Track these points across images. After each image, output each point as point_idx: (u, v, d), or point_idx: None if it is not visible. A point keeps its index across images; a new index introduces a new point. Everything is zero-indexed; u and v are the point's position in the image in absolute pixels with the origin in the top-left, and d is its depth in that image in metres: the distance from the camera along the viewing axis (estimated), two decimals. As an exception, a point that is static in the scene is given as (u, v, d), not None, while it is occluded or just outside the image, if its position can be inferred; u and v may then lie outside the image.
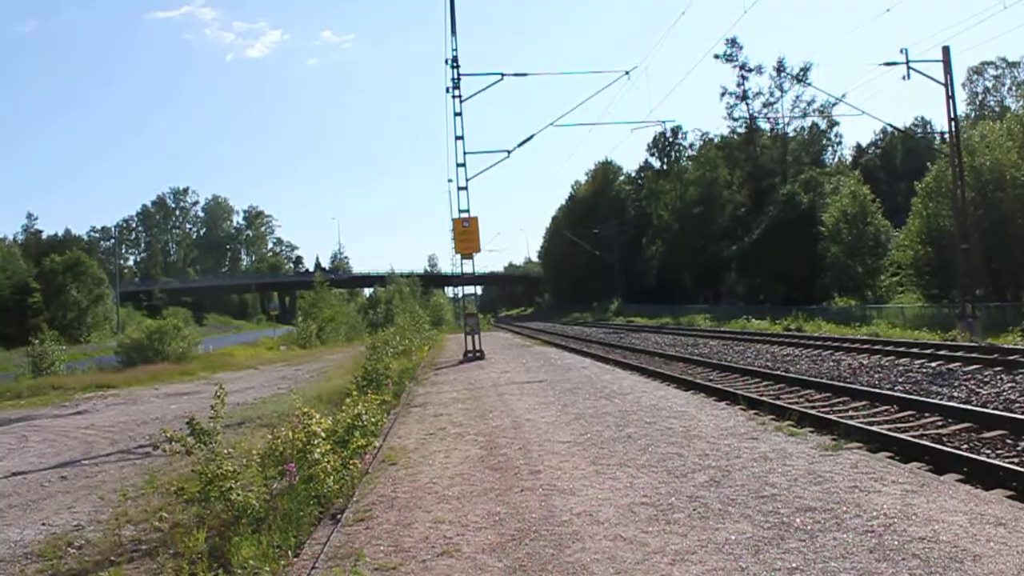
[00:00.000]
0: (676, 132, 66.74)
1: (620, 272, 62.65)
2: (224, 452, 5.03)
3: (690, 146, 65.51)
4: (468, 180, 18.17)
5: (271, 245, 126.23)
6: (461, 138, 18.25)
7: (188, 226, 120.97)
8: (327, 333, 37.56)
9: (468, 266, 18.77)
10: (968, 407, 8.02)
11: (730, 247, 45.92)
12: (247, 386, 15.54)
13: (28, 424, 11.58)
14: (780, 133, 51.30)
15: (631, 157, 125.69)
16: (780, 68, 48.05)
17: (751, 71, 49.27)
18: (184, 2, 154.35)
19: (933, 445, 6.41)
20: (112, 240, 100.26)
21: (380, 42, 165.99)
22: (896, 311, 26.38)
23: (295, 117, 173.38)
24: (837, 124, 59.58)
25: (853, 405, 9.04)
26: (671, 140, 67.44)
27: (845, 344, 17.03)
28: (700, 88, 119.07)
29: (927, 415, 8.04)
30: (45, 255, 59.12)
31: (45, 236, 77.51)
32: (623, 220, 67.68)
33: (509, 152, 19.70)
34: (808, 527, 3.69)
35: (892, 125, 51.18)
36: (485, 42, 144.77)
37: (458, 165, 18.08)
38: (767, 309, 35.26)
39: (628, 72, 19.03)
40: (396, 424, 7.98)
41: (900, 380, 11.00)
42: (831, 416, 7.90)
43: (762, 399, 9.23)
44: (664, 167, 67.54)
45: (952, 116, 21.05)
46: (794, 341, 19.32)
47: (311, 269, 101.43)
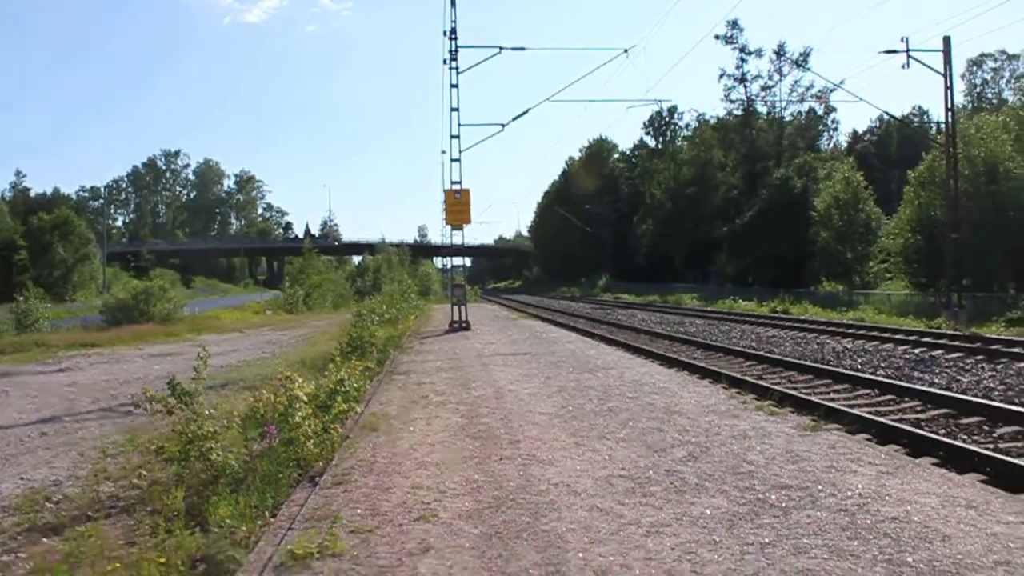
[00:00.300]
0: (672, 112, 66.49)
1: (610, 249, 62.71)
2: (205, 413, 4.97)
3: (686, 126, 65.30)
4: (462, 152, 18.10)
5: (261, 210, 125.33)
6: (456, 110, 18.13)
7: (178, 189, 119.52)
8: (314, 299, 37.35)
9: (458, 237, 18.81)
10: (947, 393, 8.10)
11: (721, 228, 46.01)
12: (231, 349, 15.42)
13: (9, 380, 11.49)
14: (777, 117, 51.14)
15: (626, 135, 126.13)
16: (780, 52, 47.75)
17: (750, 54, 48.98)
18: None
19: (911, 429, 6.47)
20: (101, 200, 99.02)
21: (378, 10, 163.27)
22: (883, 297, 26.61)
23: (291, 84, 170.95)
24: (834, 110, 59.65)
25: (835, 388, 9.10)
26: (667, 120, 67.06)
27: (830, 328, 17.13)
28: (698, 69, 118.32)
29: (907, 400, 8.12)
30: (33, 213, 58.24)
31: (33, 194, 76.41)
32: (616, 198, 67.54)
33: (504, 126, 19.62)
34: (783, 504, 3.73)
35: (889, 113, 51.36)
36: (485, 15, 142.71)
37: (452, 137, 18.02)
38: (755, 291, 35.44)
39: (627, 50, 18.89)
40: (379, 391, 8.00)
41: (883, 365, 11.09)
42: (812, 397, 7.95)
43: (745, 378, 9.26)
44: (659, 146, 67.17)
45: (949, 106, 20.98)
46: (780, 323, 19.45)
47: (300, 235, 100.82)
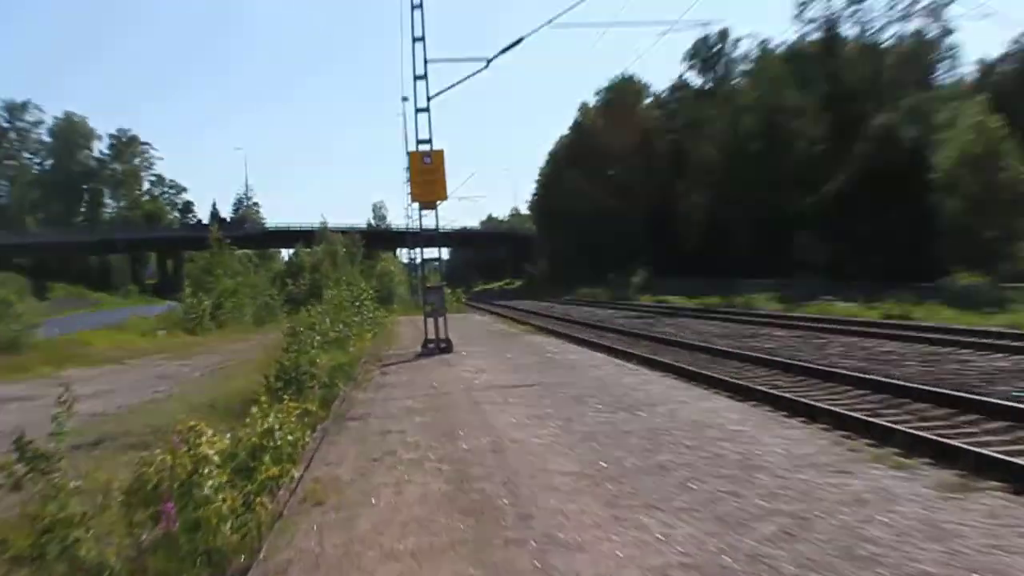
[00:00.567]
0: (724, 38, 66.86)
1: (647, 232, 62.65)
2: (71, 486, 4.98)
3: (744, 58, 65.50)
4: (431, 99, 18.05)
5: (148, 186, 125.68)
6: (421, 40, 18.09)
7: (27, 156, 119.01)
8: (227, 312, 37.56)
9: (430, 220, 18.80)
10: None
11: (804, 199, 46.03)
12: (108, 388, 15.52)
13: None
14: (871, 43, 51.08)
15: (661, 72, 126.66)
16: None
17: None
18: None
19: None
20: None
21: None
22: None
23: (187, 16, 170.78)
24: (954, 31, 59.57)
25: (987, 426, 9.09)
26: (717, 49, 67.41)
27: (973, 338, 17.15)
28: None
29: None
30: None
31: None
32: (650, 158, 67.59)
33: (488, 61, 19.38)
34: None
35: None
36: None
37: (416, 78, 18.00)
38: (857, 287, 35.48)
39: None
40: (325, 445, 8.04)
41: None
42: (956, 442, 7.93)
43: (854, 416, 9.28)
44: (708, 86, 67.41)
45: None
46: (898, 333, 19.45)
47: (205, 220, 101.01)
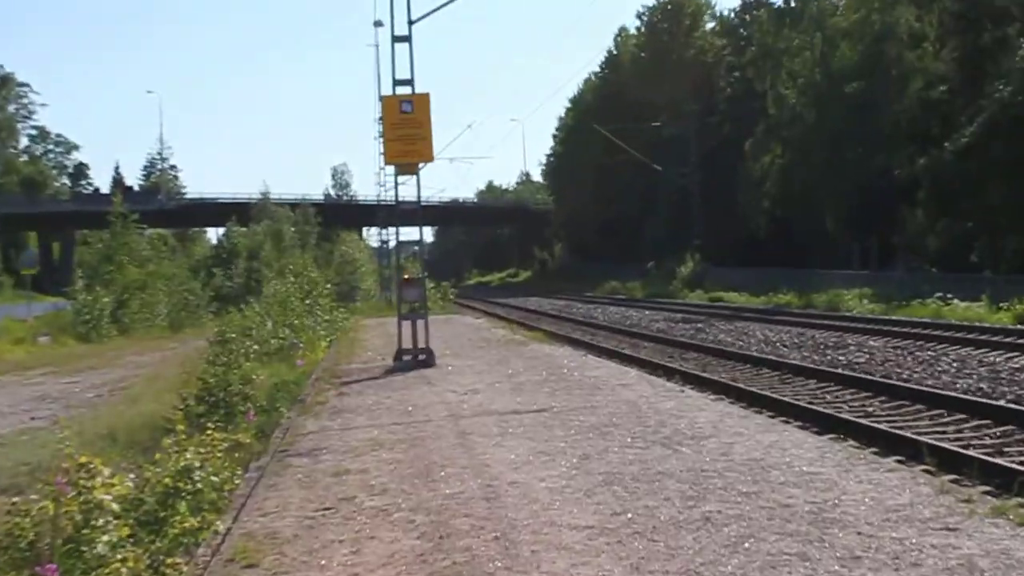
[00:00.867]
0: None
1: (700, 206, 62.36)
2: None
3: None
4: (413, 23, 18.05)
5: (27, 142, 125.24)
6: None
7: None
8: (134, 313, 37.88)
9: (410, 189, 18.69)
10: None
11: (915, 161, 45.46)
12: (-27, 413, 15.69)
13: None
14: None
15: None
16: None
17: None
18: None
19: None
20: None
21: None
22: None
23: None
24: None
25: None
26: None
27: None
28: None
29: None
30: None
31: None
32: (708, 106, 67.20)
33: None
34: None
35: None
36: None
37: (391, -3, 18.02)
38: (985, 281, 35.36)
39: None
40: (261, 489, 7.99)
41: None
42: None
43: (967, 454, 9.29)
44: (789, 3, 66.92)
45: None
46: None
47: (105, 189, 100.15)
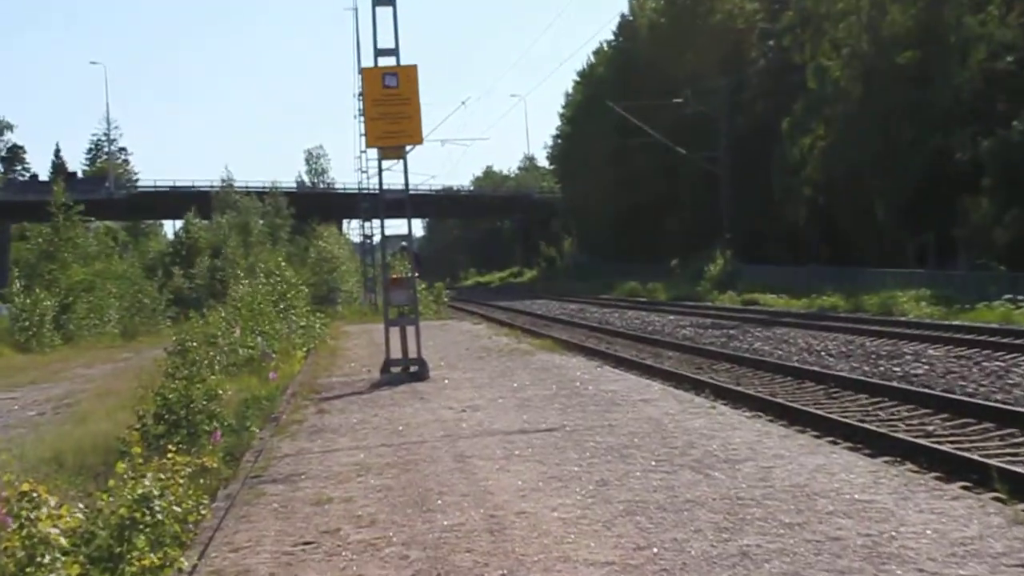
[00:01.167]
0: None
1: (730, 195, 62.00)
2: None
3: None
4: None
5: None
6: None
7: None
8: (80, 319, 38.18)
9: (396, 176, 18.77)
10: None
11: (979, 143, 44.02)
12: None
13: None
14: None
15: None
16: None
17: None
18: None
19: None
20: None
21: None
22: None
23: None
24: None
25: None
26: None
27: None
28: None
29: None
30: None
31: None
32: (741, 80, 66.86)
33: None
34: None
35: None
36: None
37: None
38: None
39: None
40: (231, 520, 7.88)
41: None
42: None
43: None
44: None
45: None
46: None
47: (44, 176, 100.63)
